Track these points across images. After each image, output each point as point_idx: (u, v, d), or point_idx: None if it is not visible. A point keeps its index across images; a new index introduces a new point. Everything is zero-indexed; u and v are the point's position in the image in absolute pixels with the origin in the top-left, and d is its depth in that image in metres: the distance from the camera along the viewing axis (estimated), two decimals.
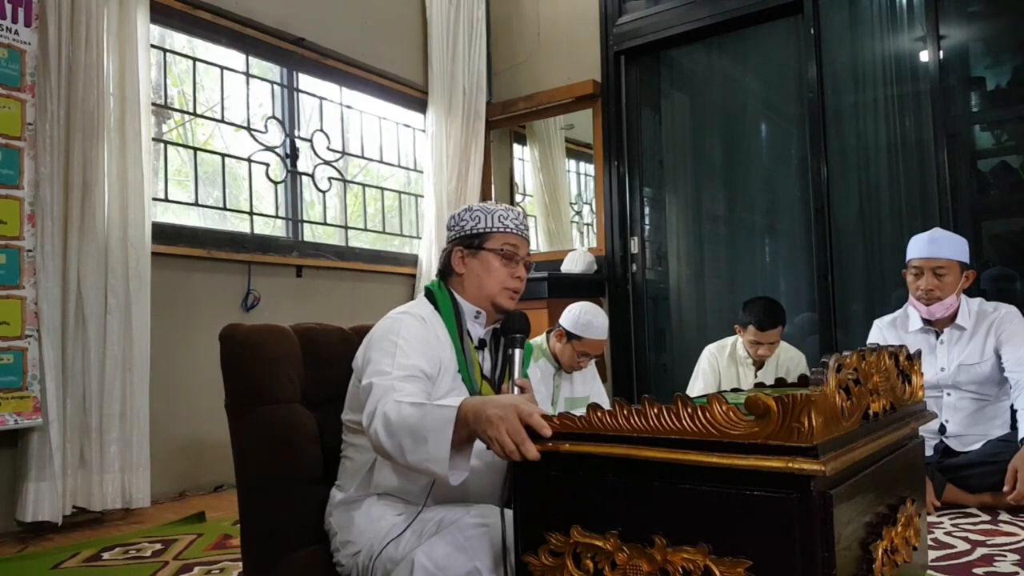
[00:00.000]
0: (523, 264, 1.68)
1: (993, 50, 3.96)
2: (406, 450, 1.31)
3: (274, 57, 4.10)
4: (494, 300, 1.65)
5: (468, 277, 1.66)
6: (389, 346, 1.50)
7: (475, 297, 1.66)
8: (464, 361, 1.60)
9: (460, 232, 1.68)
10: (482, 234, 1.66)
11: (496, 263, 1.65)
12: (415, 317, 1.58)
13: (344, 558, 1.56)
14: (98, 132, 2.95)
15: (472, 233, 1.66)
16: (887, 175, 4.05)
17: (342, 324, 1.91)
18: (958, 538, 2.27)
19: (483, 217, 1.66)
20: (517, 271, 1.66)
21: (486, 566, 1.34)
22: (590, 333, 2.97)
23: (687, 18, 4.51)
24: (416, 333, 1.54)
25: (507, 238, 1.66)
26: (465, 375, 1.60)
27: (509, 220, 1.67)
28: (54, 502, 2.73)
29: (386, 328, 1.56)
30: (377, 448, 1.38)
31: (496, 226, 1.65)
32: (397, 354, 1.48)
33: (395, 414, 1.34)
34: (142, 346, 3.05)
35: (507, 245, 1.66)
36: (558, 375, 3.09)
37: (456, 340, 1.61)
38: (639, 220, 4.80)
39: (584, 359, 3.04)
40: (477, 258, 1.66)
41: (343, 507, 1.59)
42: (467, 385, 1.59)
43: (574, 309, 3.02)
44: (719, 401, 1.03)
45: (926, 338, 2.84)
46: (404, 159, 4.94)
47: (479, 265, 1.65)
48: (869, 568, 1.13)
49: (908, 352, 1.46)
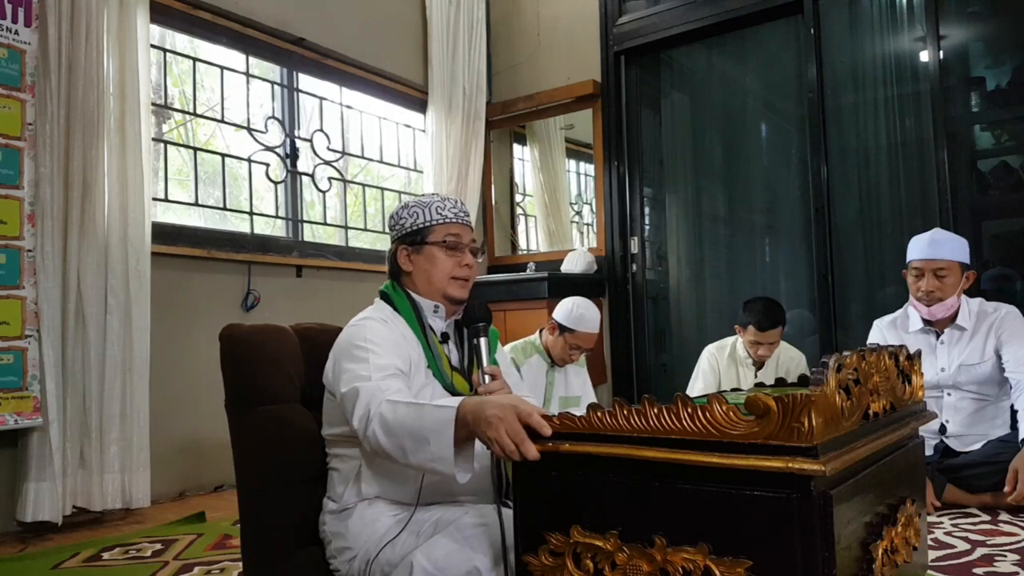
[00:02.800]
0: (469, 251, 1.68)
1: (993, 50, 3.96)
2: (408, 451, 1.31)
3: (274, 57, 4.10)
4: (445, 292, 1.66)
5: (417, 273, 1.67)
6: (360, 352, 1.50)
7: (427, 292, 1.66)
8: (432, 356, 1.60)
9: (401, 231, 1.68)
10: (422, 228, 1.66)
11: (441, 255, 1.65)
12: (377, 320, 1.59)
13: (341, 564, 1.56)
14: (98, 132, 2.95)
15: (413, 230, 1.66)
16: (887, 175, 4.05)
17: (342, 324, 1.90)
18: (958, 538, 2.27)
19: (421, 212, 1.67)
20: (464, 259, 1.67)
21: (485, 565, 1.34)
22: (582, 326, 3.03)
23: (687, 18, 4.51)
24: (382, 335, 1.55)
25: (448, 228, 1.66)
26: (435, 369, 1.60)
27: (447, 210, 1.67)
28: (54, 502, 2.73)
29: (351, 336, 1.55)
30: (376, 450, 1.37)
31: (435, 218, 1.66)
32: (371, 358, 1.48)
33: (391, 414, 1.34)
34: (142, 346, 3.05)
35: (449, 236, 1.66)
36: (551, 371, 3.14)
37: (420, 336, 1.61)
38: (639, 220, 4.80)
39: (575, 352, 3.10)
40: (422, 253, 1.66)
41: (336, 515, 1.59)
42: (438, 379, 1.60)
43: (567, 303, 3.09)
44: (719, 401, 1.03)
45: (926, 338, 2.84)
46: (404, 159, 4.94)
47: (424, 260, 1.65)
48: (869, 568, 1.13)
49: (908, 352, 1.46)
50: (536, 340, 3.19)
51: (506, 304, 4.40)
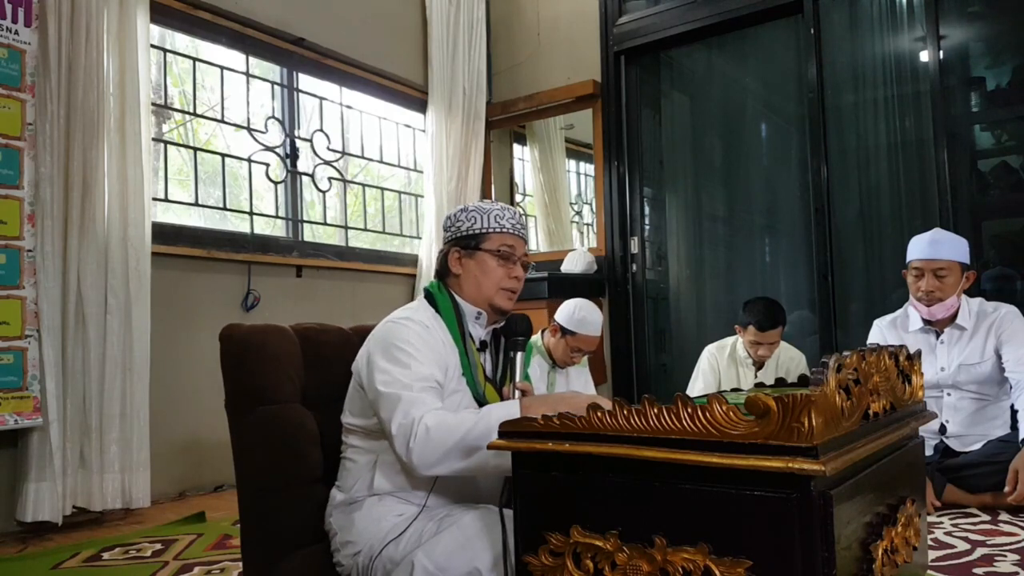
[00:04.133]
0: (520, 264, 1.68)
1: (993, 50, 3.96)
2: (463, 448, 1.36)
3: (274, 57, 4.10)
4: (492, 301, 1.65)
5: (465, 278, 1.65)
6: (402, 355, 1.49)
7: (473, 298, 1.65)
8: (468, 364, 1.59)
9: (457, 233, 1.67)
10: (478, 234, 1.65)
11: (493, 264, 1.64)
12: (418, 323, 1.57)
13: (344, 558, 1.56)
14: (98, 132, 2.95)
15: (468, 234, 1.66)
16: (887, 175, 4.05)
17: (342, 324, 1.91)
18: (958, 538, 2.27)
19: (479, 217, 1.65)
20: (514, 271, 1.66)
21: (486, 565, 1.34)
22: (584, 329, 3.03)
23: (687, 18, 4.51)
24: (423, 340, 1.53)
25: (504, 238, 1.65)
26: (469, 378, 1.59)
27: (505, 220, 1.66)
28: (54, 502, 2.73)
29: (392, 334, 1.54)
30: (415, 458, 1.39)
31: (492, 226, 1.65)
32: (412, 364, 1.48)
33: (440, 421, 1.39)
34: (142, 346, 3.05)
35: (504, 246, 1.65)
36: (552, 372, 3.15)
37: (459, 343, 1.60)
38: (639, 220, 4.80)
39: (576, 355, 3.11)
40: (474, 259, 1.65)
41: (343, 507, 1.59)
42: (471, 388, 1.59)
43: (569, 305, 3.09)
44: (719, 401, 1.03)
45: (926, 338, 2.84)
46: (404, 159, 4.94)
47: (476, 266, 1.64)
48: (869, 568, 1.13)
49: (908, 352, 1.46)
50: (538, 341, 3.19)
51: None
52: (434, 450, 1.37)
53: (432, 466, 1.39)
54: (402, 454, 1.41)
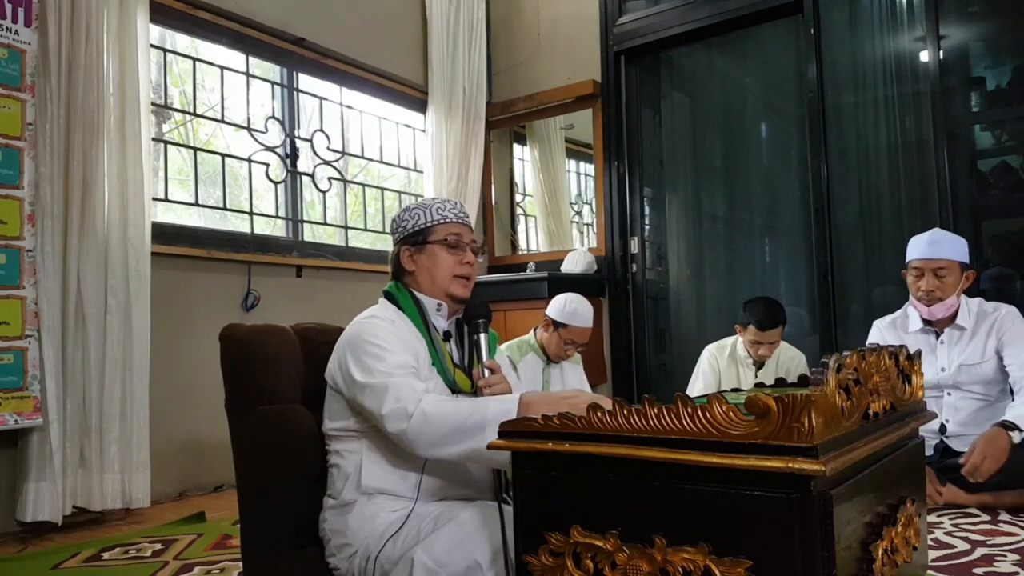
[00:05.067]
0: (470, 249, 1.72)
1: (993, 50, 3.96)
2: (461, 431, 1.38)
3: (274, 57, 4.10)
4: (448, 290, 1.69)
5: (419, 273, 1.70)
6: (375, 349, 1.53)
7: (430, 291, 1.69)
8: (435, 353, 1.63)
9: (404, 232, 1.72)
10: (424, 229, 1.70)
11: (443, 253, 1.69)
12: (383, 320, 1.61)
13: (340, 562, 1.56)
14: (98, 132, 2.95)
15: (415, 230, 1.70)
16: (887, 175, 4.05)
17: (342, 324, 1.91)
18: (958, 538, 2.27)
19: (422, 213, 1.71)
20: (465, 257, 1.70)
21: (486, 560, 1.35)
22: (575, 320, 3.08)
23: (687, 18, 4.51)
24: (391, 332, 1.58)
25: (449, 228, 1.70)
26: (438, 366, 1.62)
27: (447, 210, 1.71)
28: (54, 502, 2.73)
29: (361, 332, 1.57)
30: (410, 437, 1.41)
31: (436, 218, 1.70)
32: (386, 356, 1.52)
33: (437, 407, 1.41)
34: (142, 346, 3.05)
35: (450, 235, 1.70)
36: (547, 368, 3.17)
37: (425, 334, 1.64)
38: (639, 220, 4.80)
39: (570, 347, 3.14)
40: (424, 253, 1.69)
41: (335, 511, 1.59)
42: (441, 375, 1.62)
43: (559, 299, 3.14)
44: (719, 401, 1.03)
45: (926, 338, 2.84)
46: (404, 159, 4.94)
47: (427, 259, 1.69)
48: (869, 568, 1.13)
49: (908, 352, 1.46)
50: (531, 339, 3.22)
51: (506, 304, 4.40)
52: (431, 433, 1.40)
53: (426, 448, 1.42)
54: (399, 434, 1.43)
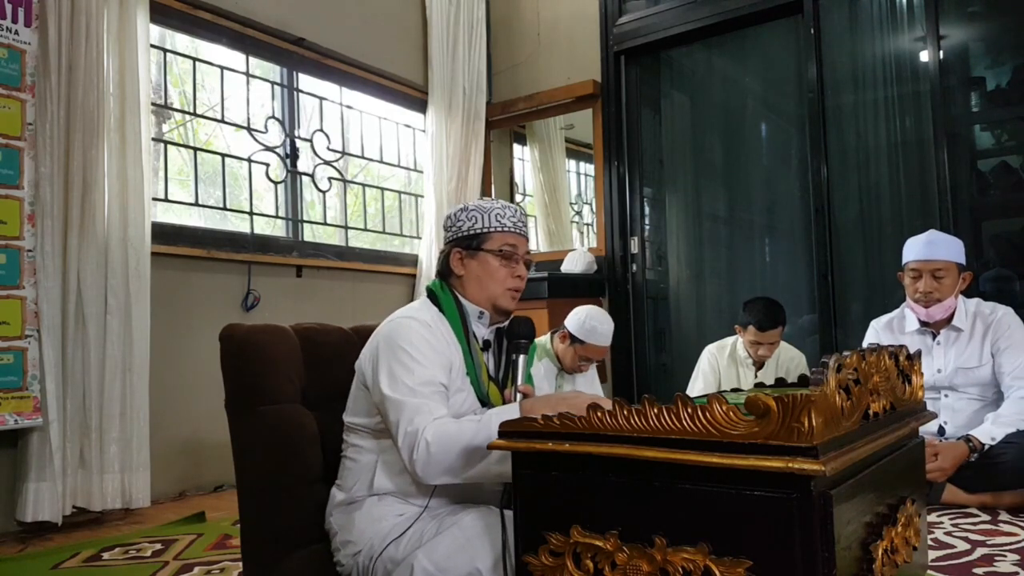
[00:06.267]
0: (523, 263, 1.66)
1: (993, 50, 3.96)
2: (470, 439, 1.37)
3: (274, 57, 4.10)
4: (496, 302, 1.64)
5: (468, 279, 1.64)
6: (406, 358, 1.48)
7: (477, 298, 1.64)
8: (472, 363, 1.59)
9: (457, 233, 1.65)
10: (480, 234, 1.63)
11: (496, 264, 1.62)
12: (422, 323, 1.56)
13: (344, 558, 1.56)
14: (98, 132, 2.95)
15: (470, 234, 1.64)
16: (887, 175, 4.05)
17: (342, 324, 1.91)
18: (958, 538, 2.27)
19: (480, 217, 1.63)
20: (517, 270, 1.64)
21: (487, 566, 1.34)
22: (594, 339, 2.99)
23: (687, 18, 4.51)
24: (427, 340, 1.53)
25: (506, 237, 1.63)
26: (473, 377, 1.58)
27: (507, 219, 1.64)
28: (54, 502, 2.73)
29: (396, 333, 1.53)
30: (420, 468, 1.40)
31: (494, 225, 1.63)
32: (416, 369, 1.47)
33: (441, 434, 1.40)
34: (142, 346, 3.05)
35: (506, 245, 1.63)
36: (560, 376, 3.11)
37: (463, 342, 1.60)
38: (639, 220, 4.80)
39: (585, 363, 3.06)
40: (476, 259, 1.63)
41: (344, 507, 1.58)
42: (474, 387, 1.59)
43: (580, 313, 3.03)
44: (719, 401, 1.03)
45: (922, 339, 2.84)
46: (404, 159, 4.94)
47: (478, 267, 1.63)
48: (869, 568, 1.13)
49: (908, 352, 1.46)
50: (546, 343, 3.14)
51: None
52: (436, 464, 1.38)
53: (435, 477, 1.40)
54: (407, 464, 1.43)
